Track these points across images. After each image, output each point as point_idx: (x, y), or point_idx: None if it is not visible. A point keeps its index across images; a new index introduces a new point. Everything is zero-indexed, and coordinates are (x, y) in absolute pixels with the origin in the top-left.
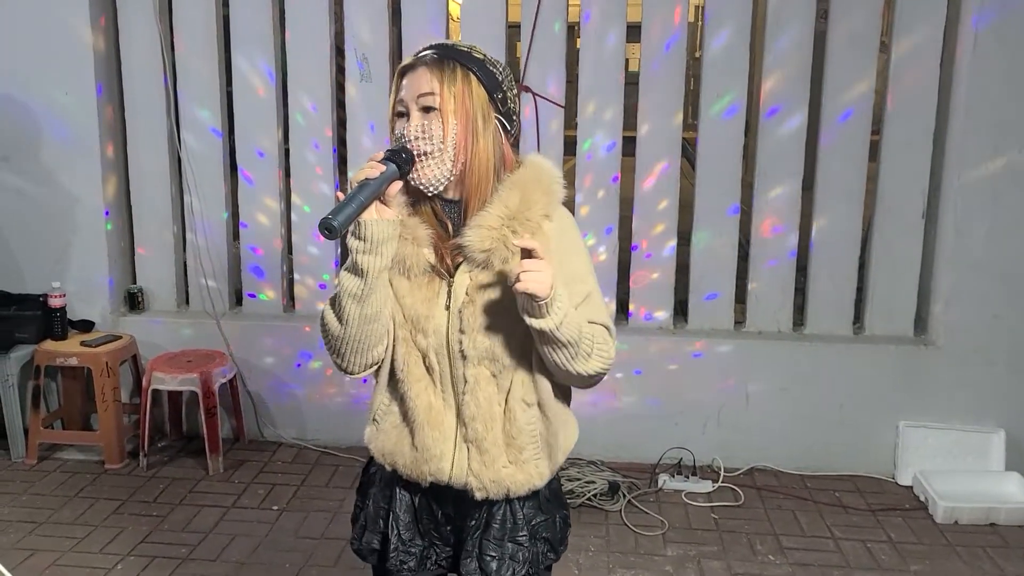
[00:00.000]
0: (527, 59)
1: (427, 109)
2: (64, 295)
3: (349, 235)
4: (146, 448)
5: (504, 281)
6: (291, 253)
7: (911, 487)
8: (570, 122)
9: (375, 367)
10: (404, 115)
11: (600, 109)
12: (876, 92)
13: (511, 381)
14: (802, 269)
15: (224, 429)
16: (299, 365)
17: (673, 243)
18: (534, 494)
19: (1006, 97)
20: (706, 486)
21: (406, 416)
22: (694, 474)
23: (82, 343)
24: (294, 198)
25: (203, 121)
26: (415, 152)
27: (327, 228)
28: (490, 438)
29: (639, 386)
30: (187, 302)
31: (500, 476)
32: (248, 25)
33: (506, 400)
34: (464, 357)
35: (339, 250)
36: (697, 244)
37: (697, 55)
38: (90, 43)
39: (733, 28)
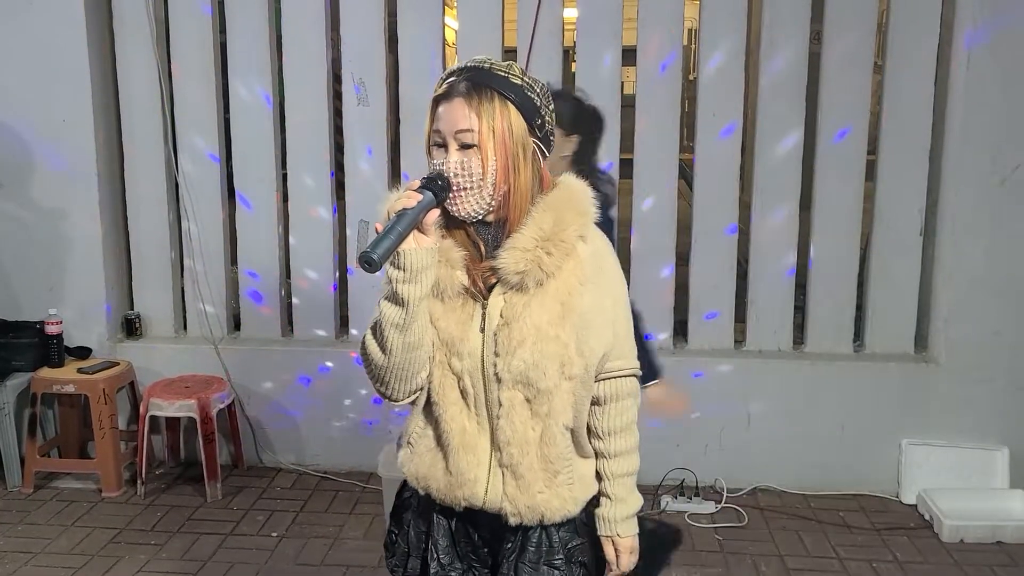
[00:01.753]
0: None
1: (466, 145)
2: (61, 322)
3: (388, 265)
4: (144, 475)
5: (540, 303)
6: (289, 278)
7: (915, 506)
8: None
9: (419, 392)
10: (442, 146)
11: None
12: (871, 112)
13: (548, 406)
14: (801, 287)
15: (222, 455)
16: (298, 390)
17: (672, 263)
18: (570, 519)
19: (1001, 114)
20: (709, 507)
21: (440, 440)
22: (697, 495)
23: (79, 370)
24: (292, 222)
25: (200, 147)
26: (453, 185)
27: (367, 262)
28: (525, 463)
29: (640, 407)
30: (185, 328)
31: (535, 502)
32: (245, 51)
33: (543, 425)
34: (499, 380)
35: (337, 274)
36: (696, 264)
37: (692, 77)
38: (87, 70)
39: (727, 50)
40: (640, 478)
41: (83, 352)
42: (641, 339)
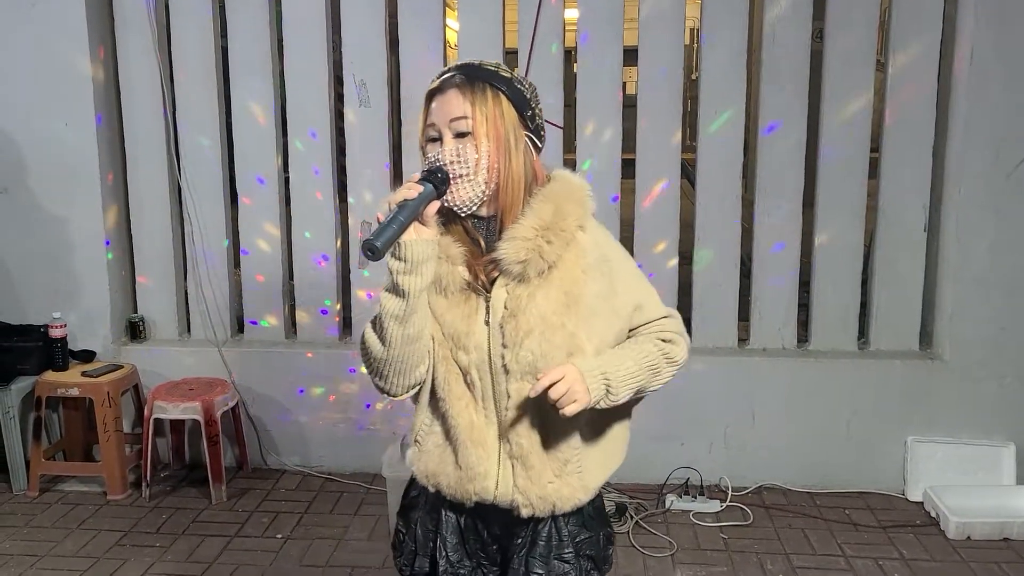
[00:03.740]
0: None
1: (460, 134)
2: (65, 325)
3: (389, 256)
4: (148, 478)
5: (544, 294)
6: (292, 279)
7: (921, 503)
8: (569, 145)
9: (417, 388)
10: (437, 139)
11: (598, 131)
12: (874, 109)
13: None
14: (805, 285)
15: (227, 457)
16: (302, 391)
17: (675, 262)
18: (578, 511)
19: (1004, 110)
20: (714, 506)
21: (448, 435)
22: (702, 494)
23: (83, 373)
24: (294, 224)
25: (203, 149)
26: (450, 174)
27: (370, 249)
28: (535, 453)
29: (644, 406)
30: (188, 330)
31: (546, 492)
32: (247, 54)
33: (551, 414)
34: (507, 372)
35: (339, 275)
36: (699, 262)
37: (694, 76)
38: (89, 74)
39: (729, 49)
40: (645, 477)
41: (87, 355)
42: None
